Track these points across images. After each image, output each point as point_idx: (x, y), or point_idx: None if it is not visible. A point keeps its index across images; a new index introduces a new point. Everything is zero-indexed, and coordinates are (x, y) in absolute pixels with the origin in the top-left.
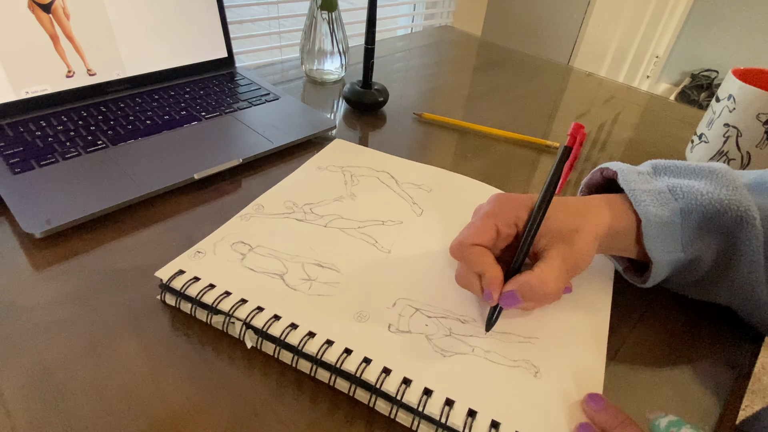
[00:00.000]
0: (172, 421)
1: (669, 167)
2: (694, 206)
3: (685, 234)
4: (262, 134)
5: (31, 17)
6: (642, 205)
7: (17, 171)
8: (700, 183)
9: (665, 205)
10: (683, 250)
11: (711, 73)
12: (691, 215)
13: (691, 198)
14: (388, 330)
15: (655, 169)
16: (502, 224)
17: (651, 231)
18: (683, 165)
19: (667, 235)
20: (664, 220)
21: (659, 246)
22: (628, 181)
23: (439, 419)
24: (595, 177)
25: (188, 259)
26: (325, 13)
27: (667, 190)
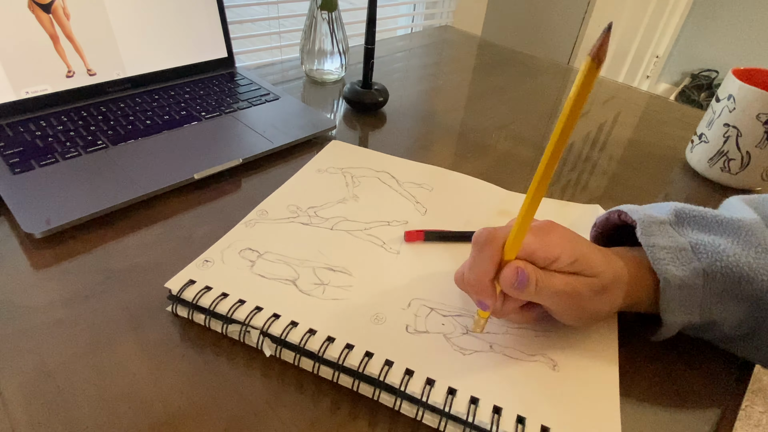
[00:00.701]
0: (172, 421)
1: (694, 217)
2: (718, 269)
3: (706, 299)
4: (262, 134)
5: (31, 17)
6: (661, 264)
7: (17, 171)
8: (726, 241)
9: (686, 265)
10: (700, 314)
11: (711, 73)
12: (715, 279)
13: (714, 259)
14: (406, 331)
15: (678, 217)
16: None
17: (669, 293)
18: (710, 216)
19: (686, 298)
20: (684, 282)
21: (675, 309)
22: (647, 236)
23: (465, 418)
24: (612, 218)
25: (197, 268)
26: (325, 13)
27: (689, 248)
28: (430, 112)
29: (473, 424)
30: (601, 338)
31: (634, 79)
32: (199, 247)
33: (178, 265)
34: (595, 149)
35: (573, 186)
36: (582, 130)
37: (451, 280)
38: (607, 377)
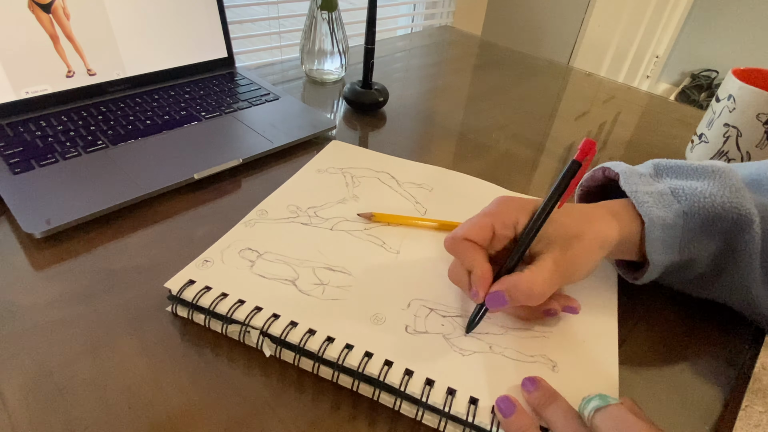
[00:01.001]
0: (172, 421)
1: (671, 167)
2: (696, 209)
3: (685, 236)
4: (262, 134)
5: (31, 17)
6: (645, 207)
7: (17, 171)
8: (702, 184)
9: (668, 207)
10: (679, 252)
11: (711, 73)
12: (693, 218)
13: (693, 200)
14: (405, 331)
15: (656, 169)
16: (499, 224)
17: (654, 234)
18: (685, 165)
19: (668, 238)
20: (667, 222)
21: (659, 248)
22: (630, 183)
23: (465, 418)
24: (596, 175)
25: (197, 268)
26: (325, 13)
27: (670, 192)
28: (430, 112)
29: (473, 424)
30: (600, 339)
31: (634, 79)
32: (199, 247)
33: (178, 265)
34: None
35: None
36: (582, 130)
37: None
38: (607, 377)
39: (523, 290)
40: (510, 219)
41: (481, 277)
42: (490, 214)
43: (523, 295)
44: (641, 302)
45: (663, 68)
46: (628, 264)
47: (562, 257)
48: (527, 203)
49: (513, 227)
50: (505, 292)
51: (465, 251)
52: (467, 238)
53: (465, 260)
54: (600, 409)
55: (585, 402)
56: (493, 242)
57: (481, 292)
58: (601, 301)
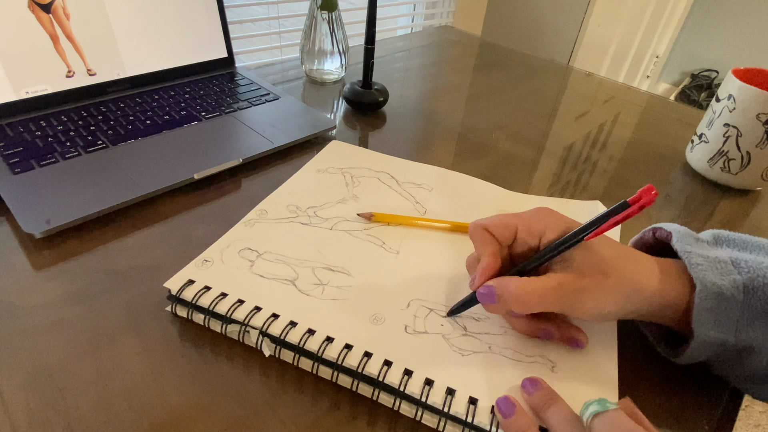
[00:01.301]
0: (172, 421)
1: (733, 239)
2: (759, 285)
3: (745, 316)
4: (262, 134)
5: (31, 17)
6: (698, 269)
7: (17, 171)
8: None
9: (725, 276)
10: (735, 334)
11: (711, 73)
12: (756, 295)
13: (757, 274)
14: (405, 331)
15: (716, 238)
16: (524, 229)
17: (705, 302)
18: (750, 239)
19: (722, 312)
20: (723, 293)
21: (709, 322)
22: (683, 243)
23: (465, 418)
24: (647, 238)
25: (196, 268)
26: (325, 13)
27: (730, 261)
28: (430, 112)
29: (472, 424)
30: (599, 339)
31: (634, 79)
32: (199, 247)
33: (178, 265)
34: (595, 149)
35: (573, 186)
36: (582, 130)
37: (451, 280)
38: (606, 378)
39: (512, 293)
40: (537, 229)
41: (485, 268)
42: (519, 216)
43: (511, 297)
44: None
45: (663, 68)
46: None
47: (571, 282)
48: (563, 222)
49: (538, 237)
50: (496, 289)
51: (480, 239)
52: (486, 228)
53: (477, 248)
54: (598, 414)
55: (585, 406)
56: (514, 245)
57: (477, 281)
58: None
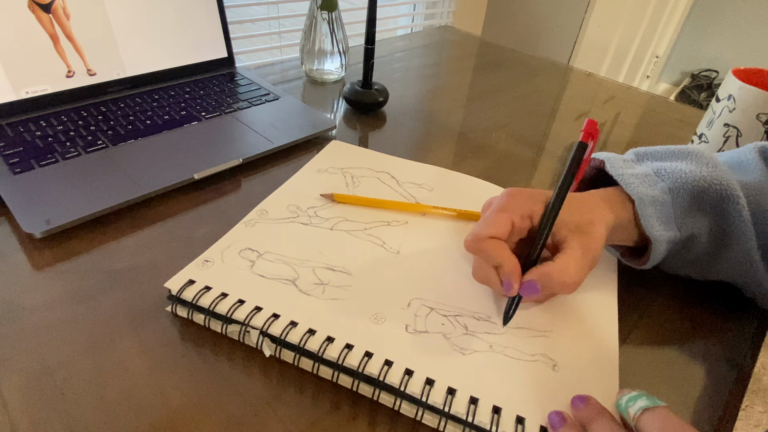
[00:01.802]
0: (172, 421)
1: (650, 153)
2: (680, 185)
3: (677, 212)
4: (262, 134)
5: (31, 17)
6: (632, 187)
7: (17, 171)
8: (681, 164)
9: (653, 186)
10: (678, 228)
11: (711, 73)
12: (680, 193)
13: (675, 177)
14: (405, 331)
15: (637, 155)
16: (516, 217)
17: (646, 210)
18: (663, 149)
19: (661, 214)
20: (656, 198)
21: (656, 224)
22: (616, 167)
23: (465, 418)
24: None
25: (197, 268)
26: (325, 13)
27: (653, 173)
28: (430, 112)
29: (473, 424)
30: (601, 338)
31: (634, 79)
32: (199, 247)
33: (178, 265)
34: (596, 149)
35: None
36: None
37: (451, 280)
38: (607, 377)
39: (557, 279)
40: (525, 210)
41: (513, 271)
42: (505, 208)
43: (558, 284)
44: (641, 302)
45: (663, 68)
46: (632, 253)
47: (588, 242)
48: (538, 193)
49: (529, 218)
50: (537, 282)
51: (491, 249)
52: (492, 236)
53: (492, 258)
54: (648, 409)
55: (627, 399)
56: (511, 235)
57: (515, 284)
58: (601, 300)
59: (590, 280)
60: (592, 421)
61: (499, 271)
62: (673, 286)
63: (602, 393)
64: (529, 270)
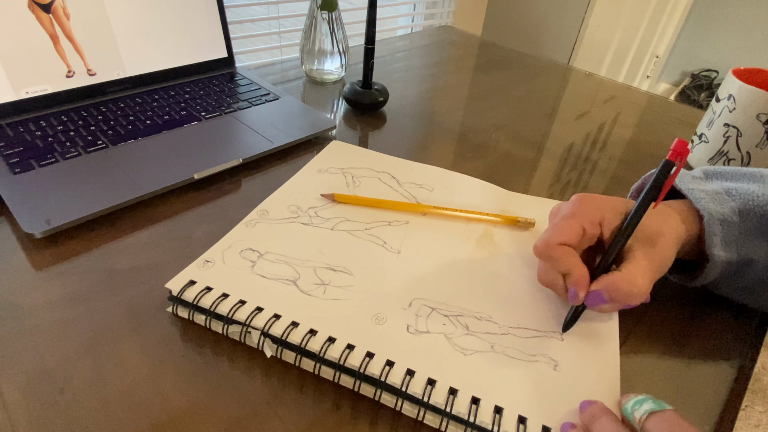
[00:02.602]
0: (172, 421)
1: (720, 172)
2: (751, 207)
3: (743, 235)
4: (262, 134)
5: (31, 17)
6: (702, 203)
7: (17, 171)
8: (753, 186)
9: (724, 204)
10: (737, 251)
11: (711, 73)
12: (749, 216)
13: (747, 199)
14: (407, 331)
15: (706, 173)
16: (588, 224)
17: (713, 228)
18: (734, 170)
19: (726, 234)
20: (725, 218)
21: (718, 244)
22: (685, 182)
23: (467, 419)
24: (647, 181)
25: (197, 269)
26: (325, 13)
27: (724, 192)
28: (430, 112)
29: (474, 425)
30: (602, 339)
31: (634, 79)
32: (199, 247)
33: (178, 266)
34: (595, 149)
35: (573, 186)
36: (582, 130)
37: (452, 280)
38: (608, 377)
39: (624, 290)
40: (596, 218)
41: (581, 279)
42: (576, 215)
43: (625, 294)
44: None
45: (663, 68)
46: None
47: (654, 253)
48: (610, 201)
49: (599, 225)
50: (604, 292)
51: (561, 256)
52: (562, 242)
53: (561, 265)
54: (654, 413)
55: (633, 402)
56: (580, 243)
57: (581, 293)
58: None
59: None
60: (595, 420)
61: (566, 278)
62: (673, 287)
63: (604, 392)
64: (596, 279)
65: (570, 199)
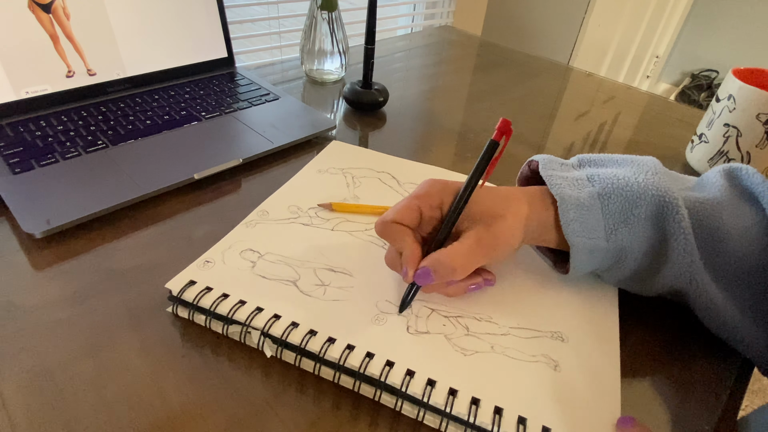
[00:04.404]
0: (172, 421)
1: (593, 159)
2: (611, 190)
3: (608, 220)
4: (262, 134)
5: (31, 17)
6: (557, 188)
7: (17, 171)
8: (619, 170)
9: (581, 189)
10: (606, 238)
11: (711, 73)
12: (610, 199)
13: (606, 183)
14: (407, 332)
15: (580, 161)
16: (426, 206)
17: (568, 213)
18: (608, 157)
19: (587, 219)
20: (581, 202)
21: (577, 229)
22: (547, 169)
23: (467, 419)
24: (524, 171)
25: (198, 269)
26: (325, 13)
27: (586, 178)
28: (430, 112)
29: (474, 425)
30: (602, 339)
31: (634, 79)
32: (199, 247)
33: (178, 266)
34: (595, 149)
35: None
36: (582, 130)
37: None
38: (609, 378)
39: (445, 263)
40: (436, 200)
41: (410, 257)
42: (417, 196)
43: (445, 268)
44: (641, 302)
45: (663, 68)
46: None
47: (485, 233)
48: (452, 185)
49: (439, 208)
50: (431, 268)
51: (394, 234)
52: (396, 221)
53: (395, 242)
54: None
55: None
56: (422, 224)
57: (410, 271)
58: (603, 302)
59: (592, 282)
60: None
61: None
62: None
63: (604, 393)
64: (425, 257)
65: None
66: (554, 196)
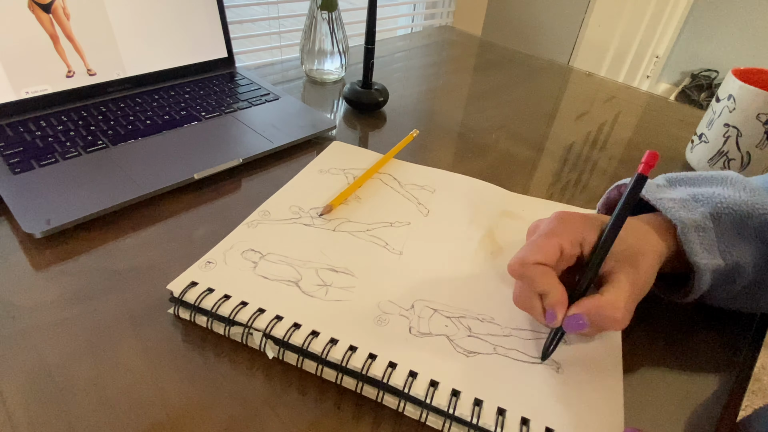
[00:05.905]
0: (172, 421)
1: (682, 178)
2: (721, 210)
3: (721, 240)
4: (262, 134)
5: (31, 17)
6: (673, 211)
7: (17, 171)
8: (718, 189)
9: (693, 210)
10: (722, 257)
11: (711, 73)
12: (722, 219)
13: (715, 203)
14: (409, 333)
15: (668, 181)
16: (567, 244)
17: (689, 236)
18: (695, 175)
19: (704, 240)
20: (698, 224)
21: (699, 251)
22: (652, 192)
23: (470, 420)
24: (612, 195)
25: (199, 270)
26: (325, 13)
27: (690, 198)
28: (430, 112)
29: (477, 426)
30: (604, 341)
31: (634, 79)
32: (200, 247)
33: (179, 266)
34: (595, 149)
35: (573, 186)
36: (582, 130)
37: (454, 280)
38: (611, 379)
39: (608, 315)
40: (576, 237)
41: (560, 301)
42: (555, 233)
43: (608, 320)
44: (642, 303)
45: (663, 68)
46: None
47: (636, 275)
48: (590, 219)
49: (579, 245)
50: (585, 316)
51: (538, 276)
52: (538, 262)
53: (538, 285)
54: None
55: None
56: (558, 262)
57: (560, 315)
58: None
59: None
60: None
61: (543, 300)
62: None
63: (605, 393)
64: (576, 302)
65: (549, 217)
66: (672, 221)
